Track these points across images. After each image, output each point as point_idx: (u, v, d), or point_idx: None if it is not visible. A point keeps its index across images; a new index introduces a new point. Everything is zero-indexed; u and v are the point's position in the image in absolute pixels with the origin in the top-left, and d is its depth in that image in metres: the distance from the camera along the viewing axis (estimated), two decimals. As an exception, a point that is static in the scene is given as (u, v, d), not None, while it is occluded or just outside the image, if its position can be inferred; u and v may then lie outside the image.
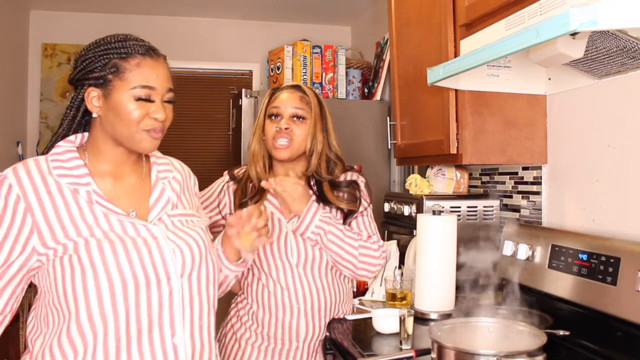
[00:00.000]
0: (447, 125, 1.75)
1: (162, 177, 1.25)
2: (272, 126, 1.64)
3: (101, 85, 1.13)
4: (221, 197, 1.72)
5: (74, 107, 1.17)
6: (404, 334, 1.39)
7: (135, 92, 1.12)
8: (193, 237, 1.19)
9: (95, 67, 1.13)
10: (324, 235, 1.58)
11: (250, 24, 3.98)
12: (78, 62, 1.16)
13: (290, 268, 1.61)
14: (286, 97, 1.66)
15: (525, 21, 1.23)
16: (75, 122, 1.18)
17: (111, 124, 1.14)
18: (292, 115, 1.64)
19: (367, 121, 2.99)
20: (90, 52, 1.15)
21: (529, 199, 1.89)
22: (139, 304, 1.08)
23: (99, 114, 1.15)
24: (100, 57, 1.13)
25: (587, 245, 1.42)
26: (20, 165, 1.11)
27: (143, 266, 1.09)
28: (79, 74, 1.15)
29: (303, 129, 1.64)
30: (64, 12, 3.78)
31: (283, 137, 1.61)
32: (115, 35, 1.16)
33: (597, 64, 1.42)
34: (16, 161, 3.59)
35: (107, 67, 1.12)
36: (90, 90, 1.14)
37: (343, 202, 1.64)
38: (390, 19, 2.23)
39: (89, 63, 1.14)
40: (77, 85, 1.16)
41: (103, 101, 1.13)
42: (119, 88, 1.12)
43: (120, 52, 1.13)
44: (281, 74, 3.11)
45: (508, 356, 1.09)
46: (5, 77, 3.40)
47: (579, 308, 1.41)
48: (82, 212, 1.10)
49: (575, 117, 1.67)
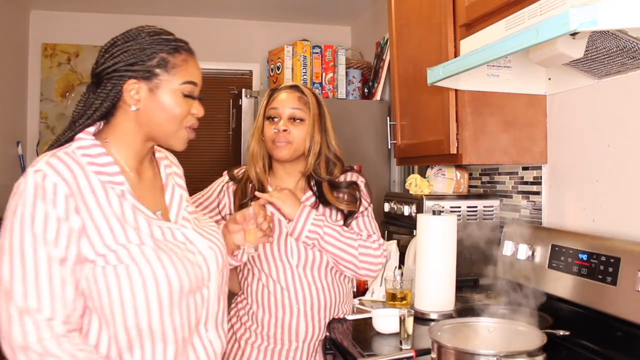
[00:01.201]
0: (447, 125, 1.75)
1: (168, 173, 1.25)
2: (271, 128, 1.64)
3: (147, 78, 1.09)
4: (221, 198, 1.72)
5: (107, 98, 1.10)
6: (404, 334, 1.39)
7: (183, 87, 1.11)
8: (217, 234, 1.23)
9: (140, 59, 1.08)
10: (321, 239, 1.57)
11: (250, 24, 3.98)
12: (113, 53, 1.10)
13: (291, 269, 1.61)
14: (284, 98, 1.66)
15: (525, 21, 1.23)
16: (103, 114, 1.11)
17: (151, 118, 1.11)
18: (290, 116, 1.64)
19: (367, 121, 2.99)
20: (130, 44, 1.09)
21: (529, 199, 1.89)
22: (188, 307, 1.10)
23: (138, 107, 1.10)
24: (145, 49, 1.09)
25: (587, 245, 1.42)
26: (55, 159, 1.03)
27: (193, 272, 1.10)
28: (117, 65, 1.08)
29: (301, 130, 1.63)
30: (64, 12, 3.79)
31: (281, 139, 1.61)
32: (150, 27, 1.13)
33: (597, 64, 1.42)
34: (16, 161, 3.62)
35: (155, 60, 1.09)
36: (132, 82, 1.09)
37: (343, 203, 1.64)
38: (390, 19, 2.23)
39: (132, 55, 1.08)
40: (112, 76, 1.09)
41: (147, 95, 1.09)
42: (167, 83, 1.10)
43: (168, 46, 1.11)
44: (281, 74, 3.11)
45: (508, 356, 1.09)
46: (5, 77, 3.40)
47: (579, 308, 1.41)
48: (123, 215, 1.06)
49: (575, 117, 1.67)
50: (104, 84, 1.10)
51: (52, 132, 3.78)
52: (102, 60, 1.11)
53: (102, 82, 1.10)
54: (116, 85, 1.09)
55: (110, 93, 1.09)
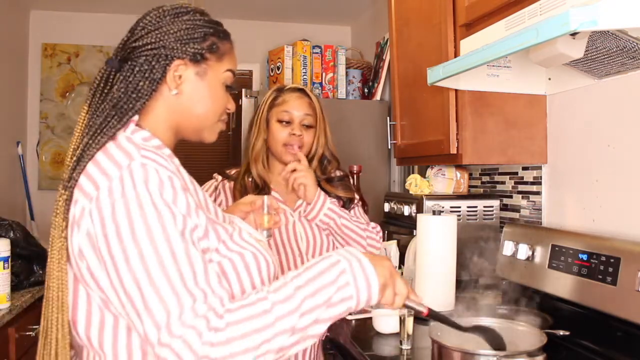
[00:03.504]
0: (447, 125, 1.75)
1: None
2: (284, 131, 1.70)
3: (196, 61, 0.99)
4: (216, 195, 1.73)
5: (150, 79, 0.96)
6: (404, 334, 1.39)
7: (226, 75, 1.04)
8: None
9: (192, 39, 0.97)
10: (338, 218, 1.66)
11: (250, 24, 3.98)
12: (160, 27, 0.97)
13: (300, 255, 1.65)
14: (296, 103, 1.72)
15: (525, 21, 1.23)
16: (148, 98, 0.97)
17: (190, 105, 1.00)
18: (302, 121, 1.71)
19: (367, 121, 2.99)
20: (181, 21, 0.98)
21: (529, 199, 1.89)
22: None
23: (179, 92, 0.99)
24: (197, 29, 0.99)
25: (587, 245, 1.42)
26: (149, 153, 0.89)
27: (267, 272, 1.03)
28: (164, 42, 0.96)
29: (311, 135, 1.72)
30: (64, 12, 3.78)
31: (295, 143, 1.69)
32: (194, 8, 1.02)
33: (597, 64, 1.42)
34: (16, 161, 3.62)
35: (207, 43, 0.99)
36: (180, 63, 0.97)
37: (341, 191, 1.74)
38: (390, 19, 2.23)
39: (184, 33, 0.97)
40: (157, 53, 0.96)
41: (192, 79, 0.99)
42: (215, 69, 1.01)
43: (218, 31, 1.03)
44: (281, 74, 3.11)
45: (508, 356, 1.09)
46: (5, 77, 3.40)
47: (579, 308, 1.40)
48: (207, 207, 1.01)
49: (575, 117, 1.67)
50: (143, 61, 0.96)
51: (52, 132, 3.78)
52: (142, 33, 0.97)
53: (140, 58, 0.96)
54: (160, 65, 0.96)
55: (154, 73, 0.96)
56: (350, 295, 0.89)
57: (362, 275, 0.91)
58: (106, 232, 0.83)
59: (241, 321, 0.81)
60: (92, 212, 0.85)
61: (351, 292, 0.89)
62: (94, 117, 0.95)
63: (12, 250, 1.96)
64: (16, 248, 2.15)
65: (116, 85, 0.96)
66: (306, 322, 0.85)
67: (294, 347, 0.86)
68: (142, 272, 0.81)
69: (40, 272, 2.33)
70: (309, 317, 0.85)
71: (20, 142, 3.61)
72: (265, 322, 0.82)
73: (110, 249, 0.83)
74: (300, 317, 0.84)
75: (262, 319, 0.82)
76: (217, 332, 0.79)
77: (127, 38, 0.99)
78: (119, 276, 0.83)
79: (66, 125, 3.80)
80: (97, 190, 0.85)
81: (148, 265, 0.81)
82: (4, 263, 1.90)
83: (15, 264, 2.16)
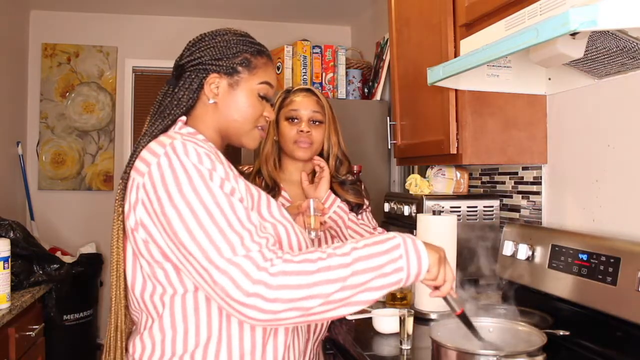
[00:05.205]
0: (447, 126, 1.75)
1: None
2: (293, 129, 1.73)
3: (229, 74, 1.15)
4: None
5: (190, 90, 1.15)
6: (404, 334, 1.39)
7: (260, 87, 1.17)
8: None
9: (225, 56, 1.14)
10: (347, 219, 1.69)
11: (250, 24, 3.97)
12: (200, 47, 1.16)
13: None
14: (304, 100, 1.76)
15: (525, 21, 1.23)
16: (189, 106, 1.16)
17: (227, 113, 1.16)
18: (310, 118, 1.74)
19: (367, 121, 2.99)
20: (217, 40, 1.16)
21: (529, 199, 1.89)
22: None
23: (216, 100, 1.15)
24: (231, 47, 1.15)
25: (587, 245, 1.42)
26: (190, 137, 1.06)
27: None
28: (203, 58, 1.14)
29: (320, 132, 1.76)
30: (64, 12, 3.78)
31: (305, 140, 1.72)
32: (237, 30, 1.20)
33: (597, 64, 1.42)
34: (16, 161, 3.62)
35: (239, 58, 1.15)
36: (214, 76, 1.14)
37: (351, 196, 1.76)
38: (390, 19, 2.23)
39: (218, 51, 1.15)
40: (196, 68, 1.15)
41: (226, 89, 1.15)
42: (247, 81, 1.16)
43: (252, 48, 1.18)
44: (281, 74, 3.11)
45: (508, 356, 1.09)
46: (5, 77, 3.40)
47: (579, 308, 1.40)
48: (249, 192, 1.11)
49: (575, 117, 1.67)
50: (187, 76, 1.15)
51: (52, 132, 3.78)
52: (187, 53, 1.17)
53: (185, 73, 1.16)
54: (199, 77, 1.15)
55: (192, 84, 1.15)
56: (401, 266, 0.98)
57: (413, 250, 1.00)
58: (159, 196, 0.98)
59: (297, 262, 0.93)
60: (145, 185, 1.00)
61: (402, 264, 0.98)
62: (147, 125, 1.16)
63: (12, 250, 1.96)
64: (16, 248, 2.16)
65: (168, 98, 1.16)
66: (358, 280, 0.94)
67: (342, 308, 0.95)
68: (194, 222, 0.94)
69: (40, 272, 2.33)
70: (361, 277, 0.94)
71: (20, 142, 3.61)
72: (320, 266, 0.93)
73: (163, 210, 0.97)
74: (352, 275, 0.94)
75: (317, 263, 0.93)
76: (272, 265, 0.92)
77: (178, 59, 1.19)
78: (173, 230, 0.96)
79: (66, 125, 3.80)
80: (148, 166, 1.01)
81: (199, 216, 0.95)
82: (4, 263, 1.91)
83: (15, 264, 2.17)
